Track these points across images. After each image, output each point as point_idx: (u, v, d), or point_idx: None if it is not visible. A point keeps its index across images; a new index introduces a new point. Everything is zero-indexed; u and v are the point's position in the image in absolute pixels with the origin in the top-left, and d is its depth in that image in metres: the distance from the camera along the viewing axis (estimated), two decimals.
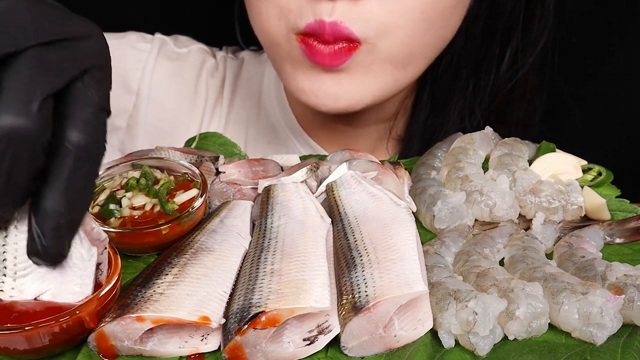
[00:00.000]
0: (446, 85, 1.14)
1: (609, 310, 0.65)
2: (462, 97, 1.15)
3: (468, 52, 1.12)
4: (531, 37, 1.13)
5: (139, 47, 1.19)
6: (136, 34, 1.21)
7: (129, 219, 0.77)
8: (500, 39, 1.12)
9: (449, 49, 1.06)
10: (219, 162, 0.91)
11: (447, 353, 0.65)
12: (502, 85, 1.16)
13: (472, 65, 1.14)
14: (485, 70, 1.15)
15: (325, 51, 0.91)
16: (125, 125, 1.19)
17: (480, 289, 0.69)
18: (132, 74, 1.18)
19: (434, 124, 1.15)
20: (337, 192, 0.82)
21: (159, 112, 1.19)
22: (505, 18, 1.10)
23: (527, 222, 0.82)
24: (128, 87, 1.18)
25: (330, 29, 0.89)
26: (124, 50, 1.18)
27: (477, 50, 1.12)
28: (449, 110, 1.15)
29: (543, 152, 0.91)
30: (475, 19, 1.08)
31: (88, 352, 0.66)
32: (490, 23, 1.10)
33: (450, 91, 1.15)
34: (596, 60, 1.31)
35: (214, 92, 1.22)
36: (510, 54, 1.13)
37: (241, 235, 0.78)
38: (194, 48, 1.23)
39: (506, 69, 1.14)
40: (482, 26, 1.10)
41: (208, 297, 0.67)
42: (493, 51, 1.13)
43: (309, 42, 0.92)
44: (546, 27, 1.13)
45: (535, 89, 1.21)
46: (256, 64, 1.25)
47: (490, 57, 1.14)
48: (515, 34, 1.12)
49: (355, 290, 0.66)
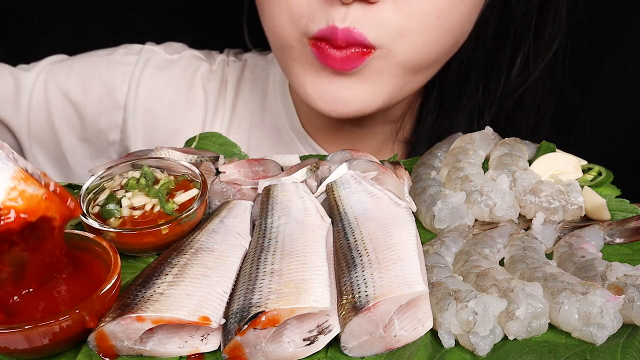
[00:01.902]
0: (455, 89, 1.13)
1: (609, 310, 0.65)
2: (471, 101, 1.15)
3: (478, 56, 1.11)
4: (543, 43, 1.13)
5: (125, 61, 1.20)
6: (125, 47, 1.22)
7: (128, 219, 0.77)
8: (512, 44, 1.12)
9: (459, 52, 1.06)
10: (219, 162, 0.91)
11: (447, 353, 0.65)
12: (512, 90, 1.15)
13: (482, 69, 1.13)
14: (496, 74, 1.14)
15: (337, 56, 0.90)
16: (119, 139, 1.20)
17: (480, 289, 0.69)
18: (119, 89, 1.18)
19: (442, 127, 1.15)
20: (337, 192, 0.82)
21: (151, 122, 1.19)
22: (516, 23, 1.09)
23: (527, 222, 0.82)
24: (116, 102, 1.19)
25: (342, 35, 0.88)
26: (111, 67, 1.19)
27: (487, 54, 1.12)
28: (457, 113, 1.15)
29: (543, 152, 0.91)
30: (487, 24, 1.08)
31: (88, 351, 0.66)
32: (501, 28, 1.10)
33: (459, 95, 1.14)
34: (596, 60, 1.31)
35: (213, 95, 1.21)
36: (521, 59, 1.13)
37: (241, 235, 0.78)
38: (185, 54, 1.23)
39: (517, 74, 1.14)
40: (494, 31, 1.10)
41: (208, 297, 0.67)
42: (504, 56, 1.13)
43: (321, 46, 0.91)
44: (559, 32, 1.12)
45: (545, 94, 1.21)
46: (261, 65, 1.24)
47: (501, 62, 1.13)
48: (527, 39, 1.11)
49: (355, 290, 0.66)
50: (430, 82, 1.10)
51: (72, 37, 1.25)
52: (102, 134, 1.20)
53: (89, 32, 1.34)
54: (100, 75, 1.18)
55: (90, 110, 1.19)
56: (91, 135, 1.20)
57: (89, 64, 1.20)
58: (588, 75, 1.31)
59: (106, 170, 0.84)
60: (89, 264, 0.71)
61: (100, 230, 0.75)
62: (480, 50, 1.11)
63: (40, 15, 1.36)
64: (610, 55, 1.31)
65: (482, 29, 1.08)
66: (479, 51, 1.11)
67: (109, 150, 1.22)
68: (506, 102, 1.16)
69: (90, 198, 0.81)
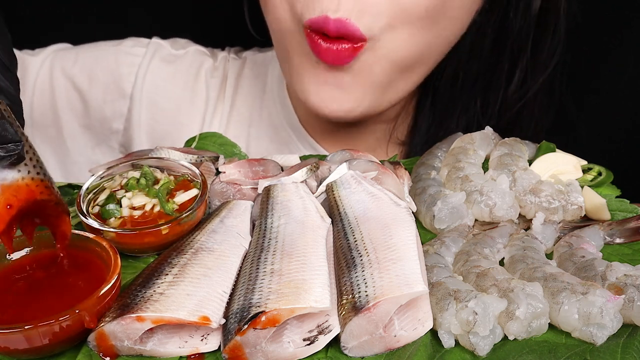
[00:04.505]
0: (448, 97, 1.14)
1: (609, 310, 0.65)
2: (467, 112, 1.16)
3: (474, 67, 1.12)
4: (542, 58, 1.14)
5: (134, 52, 1.21)
6: (133, 40, 1.23)
7: (129, 219, 0.77)
8: (510, 58, 1.13)
9: (452, 60, 1.07)
10: (219, 162, 0.91)
11: (447, 353, 0.65)
12: (511, 104, 1.16)
13: (480, 83, 1.14)
14: (494, 88, 1.15)
15: (329, 50, 0.92)
16: (122, 128, 1.21)
17: (480, 289, 0.69)
18: (126, 79, 1.20)
19: (436, 134, 1.16)
20: (337, 192, 0.82)
21: (155, 114, 1.21)
22: (513, 37, 1.10)
23: (527, 222, 0.82)
24: (123, 91, 1.20)
25: (334, 25, 0.90)
26: (119, 56, 1.21)
27: (485, 67, 1.13)
28: (450, 123, 1.16)
29: (543, 152, 0.91)
30: (483, 37, 1.09)
31: (88, 351, 0.66)
32: (499, 40, 1.11)
33: (453, 104, 1.15)
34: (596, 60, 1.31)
35: (214, 92, 1.23)
36: (519, 73, 1.14)
37: (241, 235, 0.78)
38: (191, 49, 1.25)
39: (515, 89, 1.15)
40: (491, 44, 1.10)
41: (208, 297, 0.67)
42: (502, 69, 1.14)
43: (314, 38, 0.92)
44: (557, 49, 1.13)
45: (543, 108, 1.21)
46: (260, 63, 1.26)
47: (499, 76, 1.14)
48: (525, 53, 1.12)
49: (355, 290, 0.66)
50: (425, 85, 1.11)
51: (73, 37, 1.26)
52: (105, 122, 1.21)
53: (89, 31, 1.34)
54: (108, 64, 1.19)
55: (95, 97, 1.20)
56: (94, 123, 1.21)
57: (96, 52, 1.21)
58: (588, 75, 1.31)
59: (106, 170, 0.84)
60: (89, 264, 0.71)
61: (100, 230, 0.75)
62: (477, 62, 1.12)
63: (41, 15, 1.36)
64: (610, 55, 1.31)
65: (478, 41, 1.09)
66: (475, 62, 1.12)
67: (110, 139, 1.23)
68: (504, 116, 1.17)
69: (90, 198, 0.81)
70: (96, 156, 1.22)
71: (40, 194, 0.65)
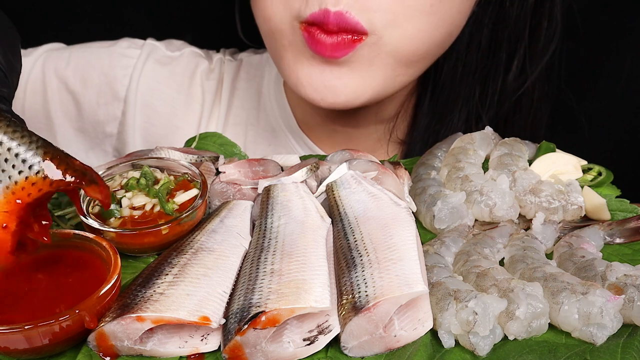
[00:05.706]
0: (448, 92, 1.14)
1: (609, 310, 0.65)
2: (468, 104, 1.15)
3: (473, 58, 1.12)
4: (539, 47, 1.13)
5: (128, 54, 1.19)
6: (127, 41, 1.21)
7: (129, 219, 0.77)
8: (507, 47, 1.12)
9: (452, 53, 1.06)
10: (219, 162, 0.91)
11: (447, 353, 0.65)
12: (510, 94, 1.16)
13: (479, 73, 1.14)
14: (493, 78, 1.15)
15: (327, 42, 0.90)
16: (116, 131, 1.20)
17: (480, 289, 0.69)
18: (120, 81, 1.18)
19: (436, 129, 1.15)
20: (337, 192, 0.82)
21: (150, 117, 1.19)
22: (510, 26, 1.10)
23: (527, 222, 0.82)
24: (116, 94, 1.18)
25: (334, 18, 0.89)
26: (113, 58, 1.19)
27: (483, 57, 1.12)
28: (452, 116, 1.15)
29: (543, 152, 0.91)
30: (480, 26, 1.08)
31: (88, 351, 0.66)
32: (497, 30, 1.10)
33: (454, 98, 1.15)
34: (596, 60, 1.31)
35: (210, 94, 1.22)
36: (518, 62, 1.13)
37: (241, 235, 0.78)
38: (186, 51, 1.23)
39: (514, 78, 1.14)
40: (489, 34, 1.10)
41: (208, 297, 0.67)
42: (500, 59, 1.13)
43: (312, 31, 0.91)
44: (554, 36, 1.13)
45: (542, 97, 1.21)
46: (255, 65, 1.25)
47: (497, 65, 1.14)
48: (522, 43, 1.12)
49: (355, 290, 0.66)
50: (424, 83, 1.11)
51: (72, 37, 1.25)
52: (99, 126, 1.19)
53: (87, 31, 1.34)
54: (101, 66, 1.18)
55: (88, 100, 1.18)
56: (88, 126, 1.20)
57: (90, 54, 1.19)
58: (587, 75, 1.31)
59: (106, 170, 0.84)
60: (89, 264, 0.71)
61: (100, 230, 0.75)
62: (475, 53, 1.11)
63: (40, 15, 1.35)
64: (609, 55, 1.31)
65: (476, 32, 1.08)
66: (474, 53, 1.11)
67: (104, 142, 1.21)
68: (503, 106, 1.17)
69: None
70: (90, 160, 1.19)
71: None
